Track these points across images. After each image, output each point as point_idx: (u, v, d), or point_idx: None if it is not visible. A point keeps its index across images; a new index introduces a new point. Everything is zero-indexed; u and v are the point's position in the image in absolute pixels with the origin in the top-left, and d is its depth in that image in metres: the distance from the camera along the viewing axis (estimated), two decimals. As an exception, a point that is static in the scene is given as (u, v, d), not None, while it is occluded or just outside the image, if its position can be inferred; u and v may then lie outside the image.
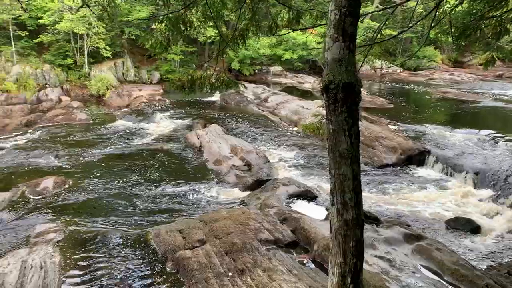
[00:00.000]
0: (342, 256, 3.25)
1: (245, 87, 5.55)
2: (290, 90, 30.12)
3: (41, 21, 28.30)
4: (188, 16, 4.23)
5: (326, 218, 8.85)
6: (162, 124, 20.99)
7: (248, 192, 11.78)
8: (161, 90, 30.77)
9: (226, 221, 8.50)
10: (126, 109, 25.47)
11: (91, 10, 4.30)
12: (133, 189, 11.96)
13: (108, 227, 9.40)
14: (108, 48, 29.47)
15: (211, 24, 4.63)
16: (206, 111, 24.22)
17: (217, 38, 4.76)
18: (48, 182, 11.48)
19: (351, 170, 3.15)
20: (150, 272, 7.31)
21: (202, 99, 28.32)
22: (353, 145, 3.12)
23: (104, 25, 29.20)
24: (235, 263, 6.90)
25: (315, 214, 9.30)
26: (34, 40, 29.10)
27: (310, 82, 33.23)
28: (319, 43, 34.11)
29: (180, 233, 8.34)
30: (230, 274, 6.60)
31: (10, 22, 27.73)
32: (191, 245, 7.73)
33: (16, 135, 19.40)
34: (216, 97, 28.08)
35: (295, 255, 7.55)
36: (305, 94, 28.63)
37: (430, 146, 14.62)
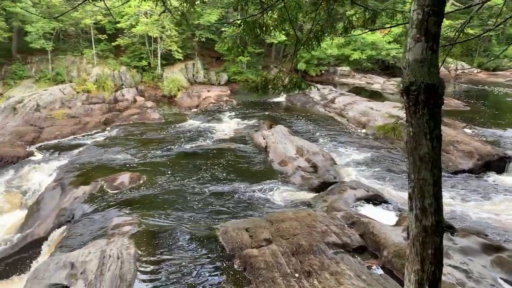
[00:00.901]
0: (419, 264, 3.13)
1: (318, 89, 5.50)
2: (358, 91, 29.45)
3: (118, 25, 30.09)
4: (265, 19, 4.29)
5: (397, 224, 8.56)
6: (229, 124, 21.45)
7: (313, 194, 11.68)
8: (229, 91, 31.47)
9: (292, 222, 8.50)
10: (195, 109, 26.36)
11: (172, 15, 4.50)
12: (201, 187, 12.32)
13: (178, 222, 9.76)
14: (179, 50, 30.67)
15: (284, 27, 4.65)
16: (271, 112, 24.38)
17: (291, 40, 4.77)
18: (124, 178, 12.16)
19: (432, 175, 3.03)
20: (218, 267, 7.50)
21: (267, 100, 28.56)
22: (435, 149, 3.00)
23: (177, 28, 30.42)
24: (302, 265, 6.89)
25: (384, 219, 9.02)
26: (112, 43, 31.02)
27: (379, 83, 32.26)
28: (389, 42, 33.07)
29: (247, 232, 8.47)
30: (296, 275, 6.60)
31: (92, 27, 29.76)
32: (258, 244, 7.82)
33: (95, 133, 20.83)
34: (281, 98, 28.20)
35: (363, 260, 7.37)
36: (374, 95, 27.86)
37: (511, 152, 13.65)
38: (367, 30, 4.83)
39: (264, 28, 4.30)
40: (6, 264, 9.81)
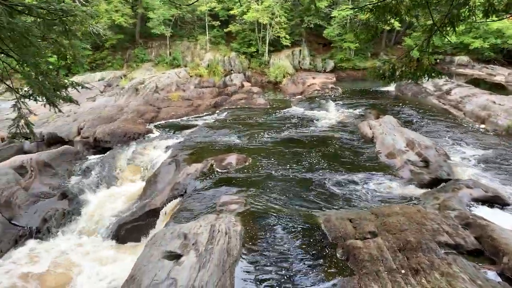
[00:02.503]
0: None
1: (449, 79, 5.14)
2: (477, 82, 26.90)
3: (231, 12, 31.16)
4: (397, 4, 4.11)
5: (520, 230, 7.76)
6: (334, 113, 21.13)
7: (423, 190, 11.06)
8: (334, 79, 30.93)
9: (399, 217, 8.17)
10: (300, 96, 26.40)
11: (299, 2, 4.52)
12: (303, 173, 12.37)
13: (281, 205, 9.95)
14: (287, 37, 30.85)
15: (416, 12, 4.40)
16: (379, 101, 23.43)
17: (423, 27, 4.50)
18: (231, 159, 12.71)
19: None
20: (319, 254, 7.52)
21: (375, 88, 27.51)
22: None
23: (286, 15, 30.60)
24: (409, 262, 6.61)
25: (505, 223, 8.22)
26: (224, 30, 32.29)
27: (503, 75, 29.08)
28: (519, 29, 29.54)
29: (350, 222, 8.34)
30: (403, 271, 6.36)
31: (206, 14, 31.22)
32: (362, 236, 7.67)
33: (206, 115, 22.02)
34: (390, 87, 26.92)
35: (478, 264, 6.83)
36: (496, 88, 25.24)
37: None
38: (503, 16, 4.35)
39: (395, 13, 4.12)
40: (126, 229, 10.93)
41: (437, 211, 8.70)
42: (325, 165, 13.23)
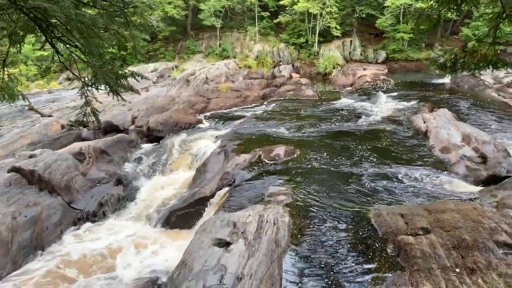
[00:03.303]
0: None
1: (511, 70, 4.87)
2: (544, 75, 25.18)
3: (281, 2, 30.99)
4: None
5: None
6: (385, 105, 20.57)
7: (479, 187, 10.55)
8: (386, 70, 30.06)
9: (454, 214, 7.86)
10: (350, 88, 25.92)
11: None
12: (352, 167, 12.17)
13: (329, 198, 9.86)
14: (338, 27, 30.31)
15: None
16: (433, 94, 22.53)
17: (490, 15, 4.26)
18: (279, 150, 12.73)
19: None
20: (369, 248, 7.40)
21: (429, 80, 26.49)
22: None
23: (337, 4, 30.01)
24: (464, 260, 6.36)
25: None
26: (273, 21, 32.19)
27: None
28: None
29: (401, 217, 8.13)
30: (457, 270, 6.13)
31: (256, 4, 31.24)
32: (414, 232, 7.46)
33: (254, 106, 22.15)
34: (445, 79, 25.79)
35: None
36: None
37: None
38: None
39: (460, 1, 3.93)
40: (177, 216, 11.27)
41: (495, 209, 8.29)
42: (375, 158, 12.93)
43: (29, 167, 11.70)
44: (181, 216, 11.26)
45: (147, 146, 16.63)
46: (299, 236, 7.90)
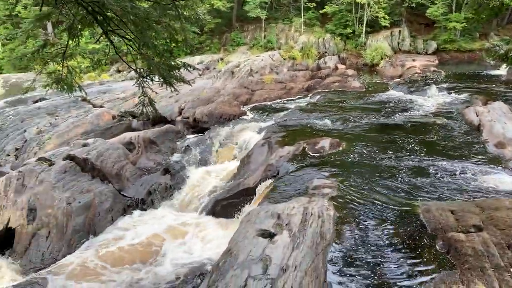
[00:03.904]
0: None
1: None
2: None
3: (329, -8, 30.48)
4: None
5: None
6: (435, 97, 19.84)
7: (538, 185, 10.00)
8: (436, 61, 28.96)
9: (509, 212, 7.49)
10: (398, 79, 25.20)
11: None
12: (399, 161, 11.85)
13: (375, 192, 9.67)
14: (386, 17, 29.48)
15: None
16: (487, 86, 21.45)
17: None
18: (324, 142, 12.60)
19: None
20: (417, 244, 7.21)
21: (483, 72, 25.26)
22: None
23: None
24: (520, 261, 6.07)
25: None
26: (319, 11, 31.73)
27: None
28: None
29: (452, 214, 7.85)
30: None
31: (304, -6, 30.91)
32: (465, 229, 7.19)
33: (298, 98, 22.05)
34: (502, 71, 24.49)
35: None
36: None
37: None
38: None
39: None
40: (222, 206, 11.48)
41: (556, 208, 7.82)
42: (423, 153, 12.53)
43: (82, 155, 12.29)
44: (225, 205, 11.46)
45: (193, 137, 17.00)
46: (344, 229, 7.82)
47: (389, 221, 8.11)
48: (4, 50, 33.10)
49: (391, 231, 7.74)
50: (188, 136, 17.15)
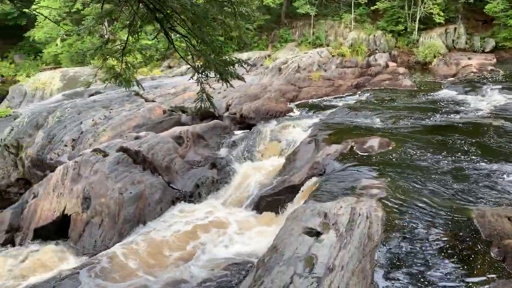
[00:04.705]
0: None
1: None
2: None
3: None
4: None
5: None
6: (493, 98, 18.89)
7: None
8: (494, 60, 27.52)
9: None
10: (452, 78, 24.21)
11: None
12: (452, 163, 11.39)
13: (426, 195, 9.36)
14: (441, 13, 28.35)
15: None
16: (550, 86, 20.18)
17: None
18: (373, 142, 12.34)
19: None
20: (470, 250, 6.93)
21: (546, 71, 23.75)
22: None
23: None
24: None
25: None
26: (370, 8, 31.03)
27: None
28: None
29: (509, 220, 7.50)
30: None
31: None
32: (524, 237, 6.84)
33: (346, 95, 21.72)
34: None
35: None
36: None
37: None
38: None
39: None
40: (267, 202, 11.55)
41: None
42: (477, 155, 11.97)
43: (135, 147, 12.75)
44: (270, 202, 11.51)
45: (239, 133, 17.18)
46: (393, 231, 7.64)
47: (440, 225, 7.84)
48: (63, 45, 34.87)
49: (441, 236, 7.49)
50: (235, 132, 17.35)
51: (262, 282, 5.99)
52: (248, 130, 17.29)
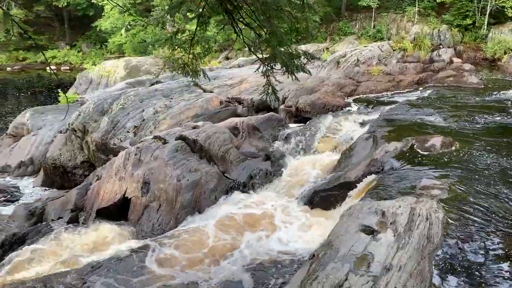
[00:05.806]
0: None
1: None
2: None
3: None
4: None
5: None
6: None
7: None
8: None
9: None
10: (525, 77, 22.67)
11: None
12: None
13: (491, 198, 8.86)
14: (516, 7, 26.52)
15: None
16: None
17: None
18: (435, 141, 11.83)
19: None
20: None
21: None
22: None
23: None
24: None
25: None
26: (436, 0, 29.65)
27: None
28: None
29: None
30: None
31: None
32: None
33: (407, 92, 20.98)
34: None
35: None
36: None
37: None
38: None
39: None
40: (321, 197, 11.45)
41: None
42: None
43: (193, 136, 13.08)
44: (324, 197, 11.40)
45: (294, 126, 17.10)
46: (453, 235, 7.33)
47: (502, 231, 7.42)
48: (127, 35, 36.34)
49: (503, 242, 7.08)
50: (290, 125, 17.30)
51: (317, 276, 5.95)
52: (303, 124, 17.18)
